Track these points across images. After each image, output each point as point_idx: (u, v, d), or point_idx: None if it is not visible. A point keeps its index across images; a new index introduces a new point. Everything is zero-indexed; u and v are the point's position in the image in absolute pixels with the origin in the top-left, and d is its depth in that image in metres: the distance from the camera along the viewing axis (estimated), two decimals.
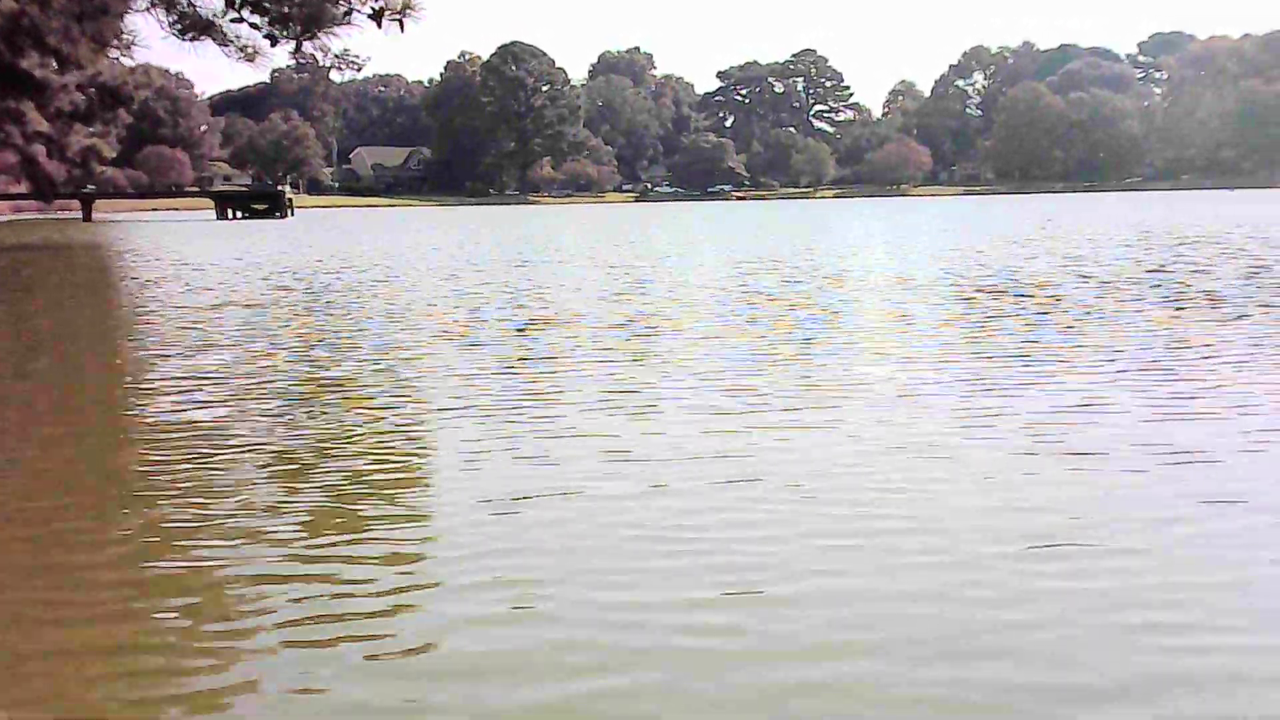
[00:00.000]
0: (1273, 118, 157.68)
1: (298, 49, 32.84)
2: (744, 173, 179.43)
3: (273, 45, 32.51)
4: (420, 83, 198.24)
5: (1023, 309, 17.28)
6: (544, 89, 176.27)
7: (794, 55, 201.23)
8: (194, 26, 32.98)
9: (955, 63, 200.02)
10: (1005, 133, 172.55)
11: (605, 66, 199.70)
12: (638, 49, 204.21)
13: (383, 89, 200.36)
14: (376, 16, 32.11)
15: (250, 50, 34.84)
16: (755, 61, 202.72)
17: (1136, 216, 59.22)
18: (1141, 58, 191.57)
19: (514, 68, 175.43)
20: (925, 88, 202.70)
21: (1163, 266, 24.72)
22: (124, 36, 39.75)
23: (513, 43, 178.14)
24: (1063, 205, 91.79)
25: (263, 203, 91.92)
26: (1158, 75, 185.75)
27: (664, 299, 19.64)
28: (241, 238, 52.15)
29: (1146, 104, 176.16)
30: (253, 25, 31.93)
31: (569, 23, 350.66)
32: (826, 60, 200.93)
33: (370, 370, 12.38)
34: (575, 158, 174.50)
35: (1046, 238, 39.16)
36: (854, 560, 5.82)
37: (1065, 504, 6.71)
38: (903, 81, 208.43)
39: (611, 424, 9.14)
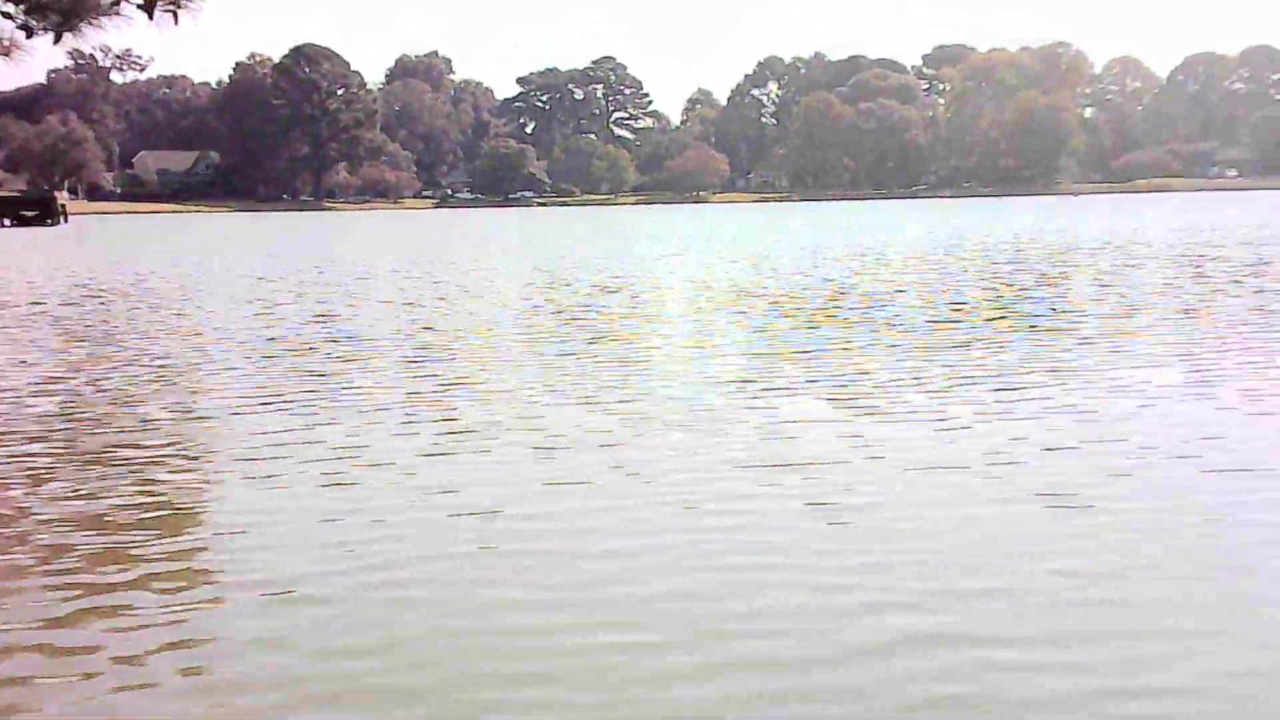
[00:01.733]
0: (1048, 128, 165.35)
1: (58, 40, 30.38)
2: (545, 179, 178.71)
3: (29, 37, 30.01)
4: (208, 84, 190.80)
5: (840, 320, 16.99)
6: (339, 92, 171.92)
7: (594, 62, 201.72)
8: None
9: (750, 72, 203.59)
10: (799, 141, 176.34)
11: (402, 70, 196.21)
12: (435, 53, 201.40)
13: (167, 90, 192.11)
14: (148, 8, 30.08)
15: (6, 43, 32.27)
16: (555, 68, 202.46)
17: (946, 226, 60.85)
18: (926, 69, 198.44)
19: (307, 70, 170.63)
20: (722, 96, 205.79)
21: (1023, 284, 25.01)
22: None
23: (305, 44, 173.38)
24: (861, 213, 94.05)
25: (32, 209, 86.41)
26: (941, 86, 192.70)
27: (468, 313, 18.76)
28: None
29: (931, 114, 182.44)
30: (4, 14, 29.54)
31: (363, 26, 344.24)
32: (626, 68, 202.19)
33: (113, 398, 11.14)
34: (372, 162, 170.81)
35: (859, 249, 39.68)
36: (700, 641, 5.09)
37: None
38: (700, 90, 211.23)
39: (411, 461, 8.22)
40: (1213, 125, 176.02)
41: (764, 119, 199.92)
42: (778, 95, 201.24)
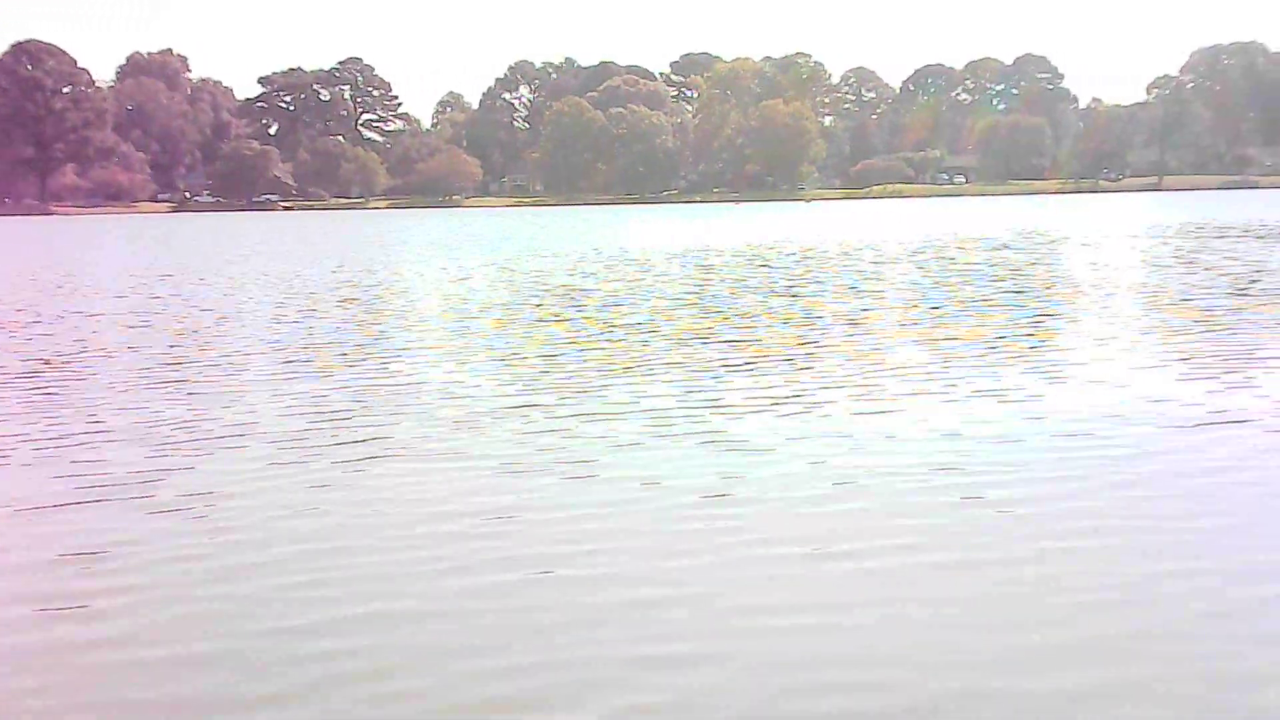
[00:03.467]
0: (791, 136, 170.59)
1: None
2: (291, 182, 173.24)
3: None
4: None
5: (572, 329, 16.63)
6: (65, 90, 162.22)
7: (340, 63, 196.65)
8: None
9: (501, 76, 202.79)
10: (551, 145, 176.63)
11: (135, 68, 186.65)
12: (170, 50, 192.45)
13: None
14: None
15: None
16: (299, 68, 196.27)
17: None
18: (674, 76, 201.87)
19: (29, 67, 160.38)
20: (473, 100, 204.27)
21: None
22: None
23: (28, 40, 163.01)
24: (612, 217, 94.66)
25: None
26: (689, 93, 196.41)
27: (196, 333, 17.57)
28: None
29: (680, 120, 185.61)
30: None
31: (91, 21, 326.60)
32: (373, 69, 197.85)
33: None
34: (104, 164, 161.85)
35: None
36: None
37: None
38: (450, 93, 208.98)
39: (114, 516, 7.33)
40: (942, 133, 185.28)
41: (516, 123, 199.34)
42: (529, 99, 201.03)
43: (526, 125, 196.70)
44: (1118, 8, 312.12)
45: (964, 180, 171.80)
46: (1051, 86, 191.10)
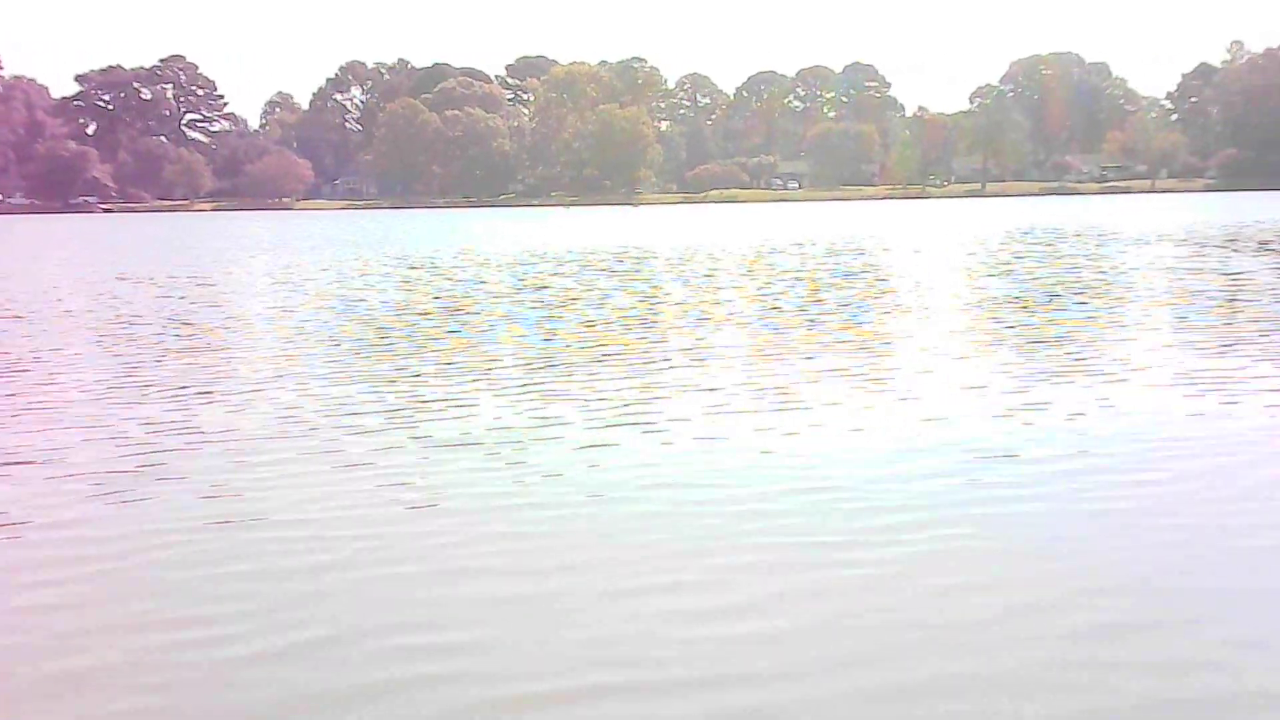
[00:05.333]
0: (627, 140, 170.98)
1: None
2: (111, 184, 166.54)
3: None
4: None
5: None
6: None
7: (162, 61, 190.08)
8: None
9: (332, 76, 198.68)
10: (385, 147, 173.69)
11: None
12: None
13: None
14: None
15: None
16: (119, 66, 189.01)
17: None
18: (510, 79, 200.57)
19: None
20: (303, 100, 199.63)
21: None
22: None
23: None
24: (449, 221, 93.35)
25: None
26: (525, 96, 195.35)
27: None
28: None
29: (517, 124, 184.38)
30: None
31: None
32: (197, 68, 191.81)
33: None
34: None
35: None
36: None
37: None
38: (279, 93, 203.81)
39: None
40: (775, 140, 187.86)
41: (348, 124, 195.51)
42: (362, 101, 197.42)
43: (359, 127, 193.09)
44: (941, 18, 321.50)
45: (797, 186, 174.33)
46: (879, 95, 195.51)
